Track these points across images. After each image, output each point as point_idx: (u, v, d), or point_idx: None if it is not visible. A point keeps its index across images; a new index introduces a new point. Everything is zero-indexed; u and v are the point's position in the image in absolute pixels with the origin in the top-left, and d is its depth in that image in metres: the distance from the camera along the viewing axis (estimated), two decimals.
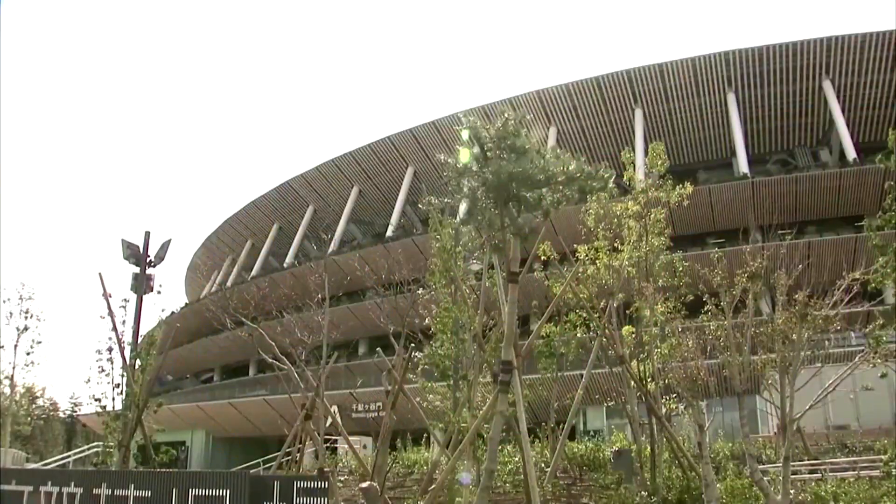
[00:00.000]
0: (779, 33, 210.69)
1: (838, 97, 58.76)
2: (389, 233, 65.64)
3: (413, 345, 20.83)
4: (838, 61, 58.28)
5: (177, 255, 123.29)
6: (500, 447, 18.42)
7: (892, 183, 16.69)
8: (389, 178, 71.35)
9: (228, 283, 78.85)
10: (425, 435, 25.70)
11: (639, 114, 61.64)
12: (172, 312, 60.11)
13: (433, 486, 17.93)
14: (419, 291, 21.88)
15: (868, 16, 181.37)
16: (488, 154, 13.05)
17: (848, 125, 57.70)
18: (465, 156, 13.46)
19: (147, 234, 20.66)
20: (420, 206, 17.82)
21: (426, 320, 21.22)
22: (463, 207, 16.22)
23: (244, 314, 23.52)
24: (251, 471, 28.46)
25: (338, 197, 74.14)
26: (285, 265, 71.87)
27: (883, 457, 17.79)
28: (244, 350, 57.83)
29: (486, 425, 16.33)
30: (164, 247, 20.77)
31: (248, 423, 59.48)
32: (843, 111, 58.19)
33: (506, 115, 13.26)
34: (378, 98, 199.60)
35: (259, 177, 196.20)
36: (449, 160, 13.52)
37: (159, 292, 20.44)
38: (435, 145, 61.29)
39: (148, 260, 20.28)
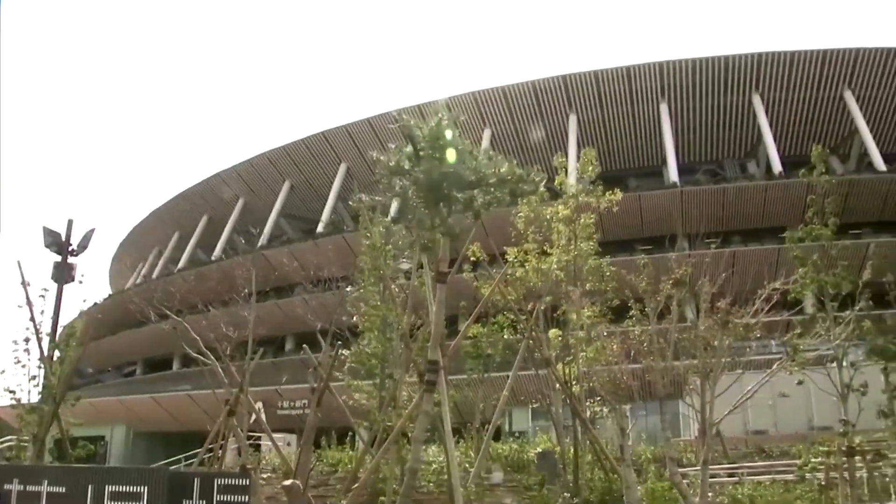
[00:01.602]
0: (711, 46, 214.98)
1: (767, 112, 60.48)
2: (320, 229, 65.14)
3: (340, 342, 20.73)
4: (768, 77, 59.90)
5: (101, 245, 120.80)
6: (424, 447, 18.43)
7: (814, 197, 17.18)
8: (322, 174, 70.77)
9: (154, 275, 77.53)
10: (350, 433, 25.58)
11: (573, 119, 62.26)
12: (95, 303, 58.49)
13: (356, 485, 17.85)
14: (348, 289, 21.79)
15: (797, 34, 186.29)
16: (421, 154, 13.03)
17: (775, 139, 59.39)
18: (398, 154, 13.43)
19: (70, 223, 20.15)
20: (351, 203, 17.75)
21: (354, 318, 21.14)
22: (395, 206, 16.19)
23: (169, 307, 23.12)
24: (171, 467, 27.90)
25: (269, 191, 73.24)
26: (213, 258, 70.76)
27: (798, 461, 18.27)
28: (168, 344, 56.73)
29: (410, 424, 16.30)
30: (88, 236, 20.27)
31: (171, 419, 58.40)
32: (771, 125, 59.89)
33: (440, 115, 13.26)
34: (313, 93, 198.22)
35: (189, 168, 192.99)
36: (381, 158, 13.47)
37: (81, 282, 19.96)
38: (369, 143, 60.84)
39: (70, 248, 19.77)
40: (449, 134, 12.98)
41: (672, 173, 58.90)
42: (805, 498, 17.22)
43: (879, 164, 57.61)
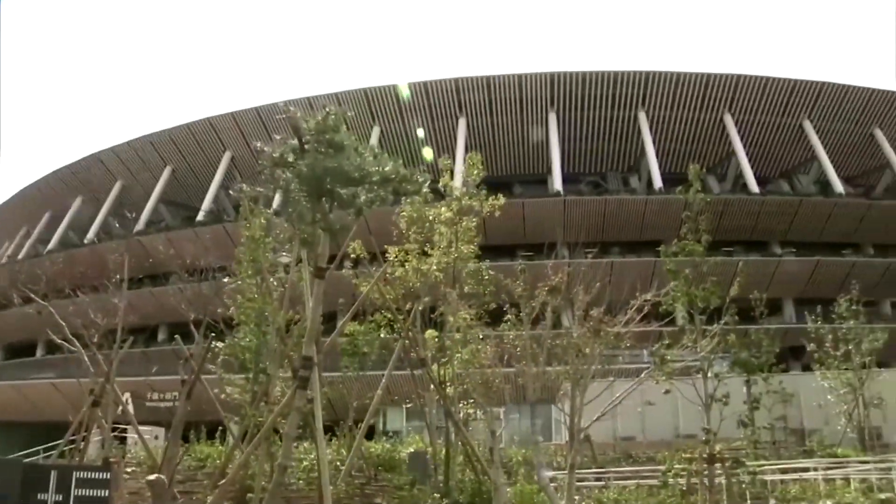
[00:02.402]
0: (601, 61, 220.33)
1: (651, 128, 62.66)
2: (200, 217, 63.75)
3: (214, 334, 20.31)
4: (654, 95, 62.01)
5: None
6: (296, 444, 18.20)
7: (689, 214, 17.78)
8: (205, 161, 69.27)
9: (20, 256, 74.19)
10: (221, 428, 25.06)
11: (462, 122, 62.85)
12: None
13: (224, 481, 17.47)
14: (225, 280, 21.34)
15: (684, 56, 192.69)
16: (306, 147, 12.85)
17: (657, 155, 61.57)
18: (282, 146, 13.22)
19: None
20: (232, 192, 17.40)
21: (230, 310, 20.72)
22: (277, 199, 15.93)
23: (34, 290, 22.18)
24: (28, 459, 26.77)
25: (149, 175, 71.12)
26: (86, 241, 68.24)
27: (662, 467, 18.86)
28: (32, 329, 54.46)
29: (282, 420, 16.06)
30: None
31: (33, 408, 56.02)
32: (654, 142, 62.10)
33: (328, 109, 13.12)
34: (201, 78, 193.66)
35: (65, 146, 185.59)
36: (266, 149, 13.23)
37: None
38: (255, 132, 59.90)
39: None
40: (336, 129, 12.85)
41: (556, 182, 60.16)
42: (668, 502, 17.81)
43: (753, 186, 60.38)
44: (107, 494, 12.03)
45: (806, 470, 21.70)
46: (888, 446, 30.32)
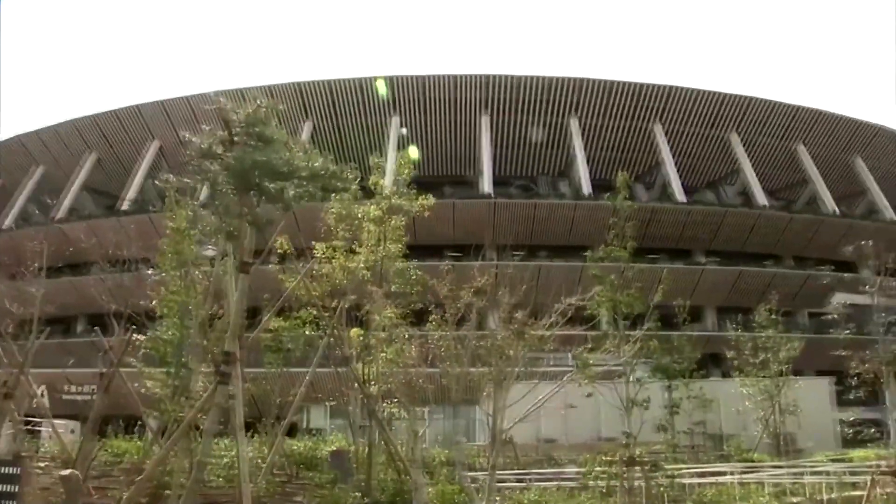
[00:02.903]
0: (536, 67, 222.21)
1: (582, 135, 63.48)
2: (125, 206, 62.28)
3: (135, 327, 19.89)
4: (587, 102, 62.84)
5: None
6: (216, 440, 17.93)
7: (616, 220, 18.05)
8: (132, 149, 67.70)
9: None
10: (139, 422, 24.56)
11: (395, 121, 62.74)
12: None
13: (140, 477, 17.11)
14: (148, 271, 20.93)
15: (617, 66, 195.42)
16: (235, 139, 12.68)
17: (588, 162, 62.46)
18: (211, 137, 13.01)
19: None
20: (158, 182, 17.07)
21: (152, 302, 20.32)
22: (205, 190, 15.67)
23: None
24: None
25: (72, 161, 69.17)
26: (2, 228, 66.14)
27: (583, 469, 19.07)
28: None
29: (202, 416, 15.80)
30: None
31: None
32: (585, 148, 62.98)
33: (259, 101, 12.97)
34: (130, 63, 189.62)
35: None
36: (194, 139, 13.02)
37: None
38: (185, 121, 58.62)
39: None
40: (266, 122, 12.71)
41: (487, 184, 60.41)
42: None
43: (680, 195, 61.62)
44: (16, 490, 11.66)
45: (722, 474, 22.21)
46: (801, 452, 31.27)
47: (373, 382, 20.10)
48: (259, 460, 21.33)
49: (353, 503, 18.19)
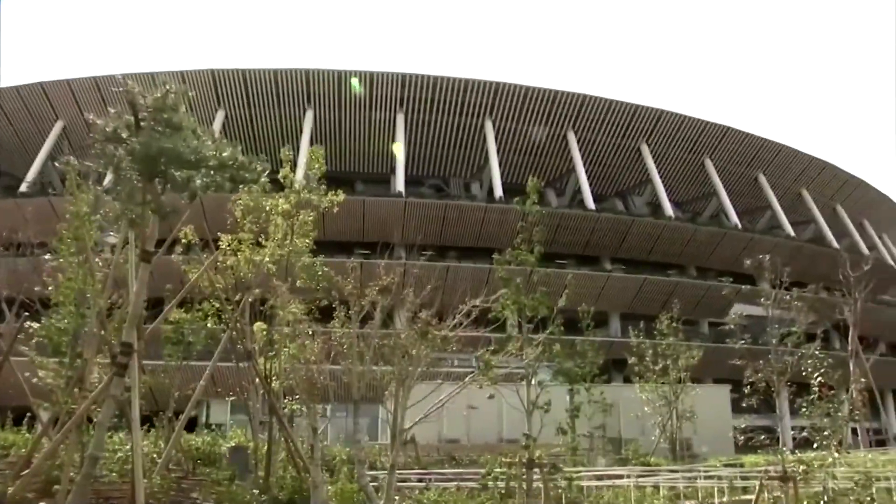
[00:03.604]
0: (452, 68, 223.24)
1: (497, 138, 63.98)
2: (24, 188, 59.99)
3: (28, 314, 19.18)
4: (502, 105, 63.46)
5: None
6: (110, 434, 17.42)
7: (525, 224, 18.15)
8: (34, 129, 65.08)
9: None
10: (29, 414, 23.71)
11: (310, 114, 62.18)
12: None
13: (27, 471, 16.50)
14: (45, 257, 20.20)
15: (532, 72, 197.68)
16: (142, 124, 12.33)
17: (501, 165, 63.12)
18: (117, 120, 12.62)
19: None
20: (58, 164, 16.52)
21: (48, 289, 19.62)
22: (109, 175, 15.17)
23: None
24: None
25: None
26: None
27: (483, 470, 19.17)
28: None
29: (97, 408, 15.34)
30: None
31: None
32: (498, 152, 63.55)
33: (169, 86, 12.65)
34: (36, 39, 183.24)
35: None
36: (99, 122, 12.60)
37: None
38: (91, 103, 56.82)
39: None
40: (175, 108, 12.40)
41: (399, 183, 60.43)
42: None
43: (589, 202, 62.71)
44: None
45: (620, 477, 22.68)
46: (697, 457, 32.17)
47: (275, 378, 19.88)
48: (155, 455, 20.85)
49: (251, 501, 17.95)
